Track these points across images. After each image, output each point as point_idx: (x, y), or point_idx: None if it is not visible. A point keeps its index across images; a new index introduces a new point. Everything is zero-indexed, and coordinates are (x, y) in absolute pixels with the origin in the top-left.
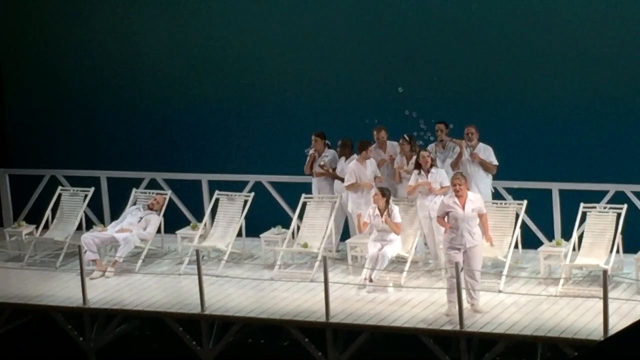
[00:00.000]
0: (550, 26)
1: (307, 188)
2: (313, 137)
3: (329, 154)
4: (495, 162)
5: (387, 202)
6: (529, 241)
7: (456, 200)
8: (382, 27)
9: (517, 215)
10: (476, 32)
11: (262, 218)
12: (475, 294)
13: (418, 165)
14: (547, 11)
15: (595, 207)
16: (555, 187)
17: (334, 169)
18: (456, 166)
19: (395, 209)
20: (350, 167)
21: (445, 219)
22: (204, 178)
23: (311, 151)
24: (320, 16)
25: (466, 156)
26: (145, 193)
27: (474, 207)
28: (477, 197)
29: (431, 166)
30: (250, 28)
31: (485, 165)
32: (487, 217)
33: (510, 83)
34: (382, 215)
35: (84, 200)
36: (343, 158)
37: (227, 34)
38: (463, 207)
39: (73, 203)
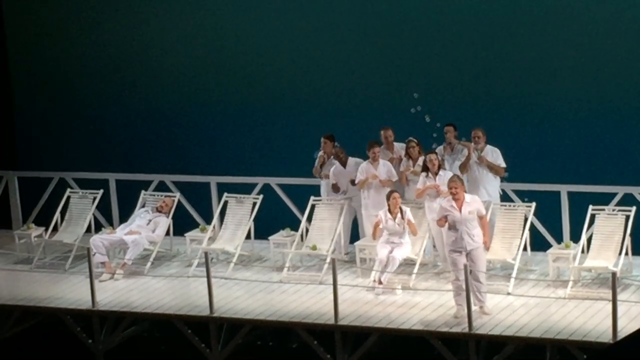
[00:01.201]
0: (559, 28)
1: (315, 190)
2: (322, 139)
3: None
4: (503, 165)
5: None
6: (538, 243)
7: (453, 203)
8: (391, 29)
9: (526, 218)
10: (485, 34)
11: (270, 220)
12: (482, 296)
13: (426, 168)
14: (557, 13)
15: (604, 209)
16: (564, 190)
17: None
18: (465, 169)
19: (408, 210)
20: (362, 166)
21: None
22: (213, 180)
23: (320, 153)
24: (330, 19)
25: (474, 159)
26: (154, 195)
27: (470, 209)
28: (475, 200)
29: (439, 168)
30: (259, 30)
31: (493, 168)
32: (487, 219)
33: (518, 85)
34: (394, 218)
35: (93, 203)
36: (338, 163)
37: (235, 36)
38: (460, 210)
39: (82, 205)
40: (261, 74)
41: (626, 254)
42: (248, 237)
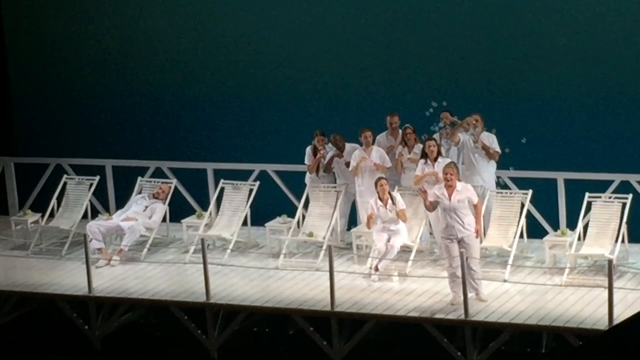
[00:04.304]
0: (556, 16)
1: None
2: (319, 136)
3: (329, 149)
4: (498, 149)
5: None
6: (534, 231)
7: (444, 191)
8: (389, 17)
9: (523, 205)
10: (482, 22)
11: (267, 207)
12: (477, 283)
13: (424, 155)
14: (553, 1)
15: (600, 197)
16: (560, 177)
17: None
18: (452, 136)
19: (399, 196)
20: (355, 153)
21: (438, 210)
22: (209, 167)
23: (322, 151)
24: (327, 5)
25: (470, 144)
26: (151, 182)
27: (460, 197)
28: (467, 187)
29: (437, 155)
30: (257, 17)
31: (487, 151)
32: (481, 207)
33: (516, 73)
34: (385, 205)
35: (90, 189)
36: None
37: (233, 22)
38: (450, 198)
39: (78, 191)
40: (259, 61)
41: (622, 241)
42: (244, 223)
